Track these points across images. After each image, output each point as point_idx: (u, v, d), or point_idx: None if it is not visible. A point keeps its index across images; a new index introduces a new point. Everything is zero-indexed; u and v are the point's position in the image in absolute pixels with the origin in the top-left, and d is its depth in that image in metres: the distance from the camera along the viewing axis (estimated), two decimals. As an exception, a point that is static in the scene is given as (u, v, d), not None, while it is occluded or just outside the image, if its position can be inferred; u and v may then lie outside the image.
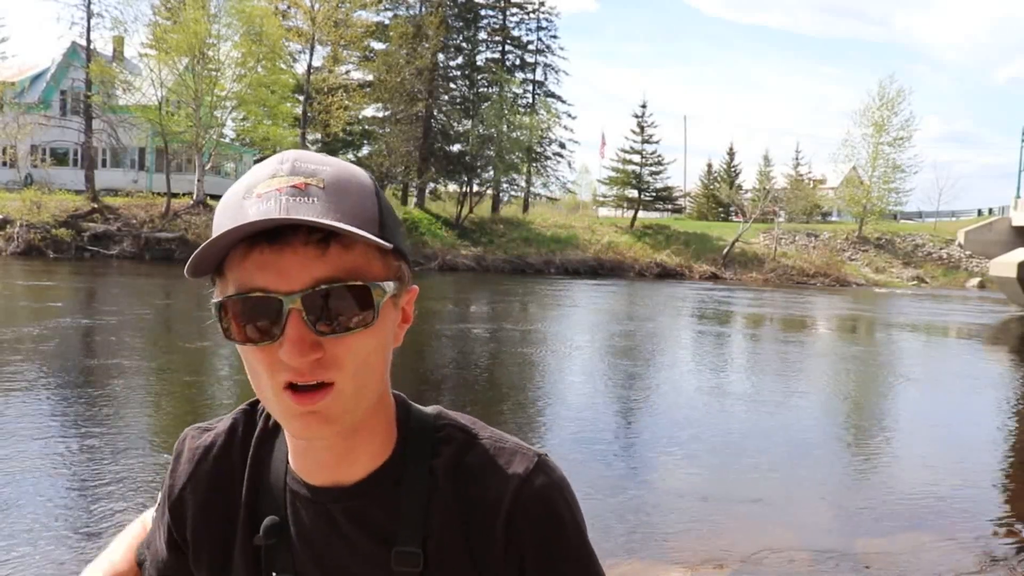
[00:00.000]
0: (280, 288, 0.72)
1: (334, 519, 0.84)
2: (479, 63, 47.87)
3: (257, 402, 0.92)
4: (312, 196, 0.73)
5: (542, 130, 45.57)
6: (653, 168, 46.90)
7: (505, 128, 40.96)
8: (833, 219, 54.35)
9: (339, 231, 0.71)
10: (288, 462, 0.87)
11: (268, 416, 0.90)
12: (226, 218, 0.75)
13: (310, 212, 0.71)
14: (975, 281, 39.75)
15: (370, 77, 42.96)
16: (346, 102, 39.46)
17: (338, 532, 0.84)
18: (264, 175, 0.75)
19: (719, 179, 61.96)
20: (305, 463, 0.85)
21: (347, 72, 44.01)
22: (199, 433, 0.93)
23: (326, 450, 0.82)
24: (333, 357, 0.74)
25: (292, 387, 0.74)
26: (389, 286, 0.77)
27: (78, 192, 33.92)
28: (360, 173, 0.78)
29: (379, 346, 0.78)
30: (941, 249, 44.11)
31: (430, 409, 0.91)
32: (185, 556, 0.92)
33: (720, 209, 58.39)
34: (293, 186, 0.73)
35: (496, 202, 46.26)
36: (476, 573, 0.83)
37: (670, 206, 50.28)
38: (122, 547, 1.02)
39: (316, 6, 38.16)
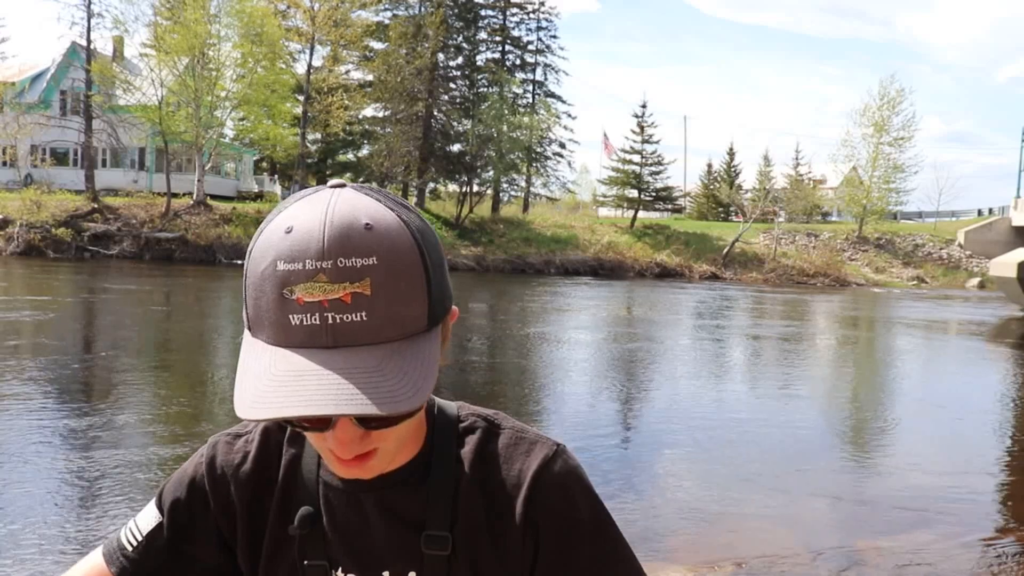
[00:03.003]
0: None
1: (366, 508, 0.89)
2: (479, 63, 47.85)
3: None
4: (359, 310, 0.70)
5: (542, 130, 45.56)
6: (653, 168, 46.87)
7: (505, 128, 40.94)
8: (833, 219, 54.32)
9: (392, 415, 0.70)
10: (320, 456, 0.91)
11: None
12: (268, 313, 0.72)
13: (357, 335, 0.70)
14: (975, 281, 39.73)
15: (370, 77, 42.97)
16: (346, 102, 39.48)
17: (370, 520, 0.89)
18: (303, 272, 0.70)
19: (719, 179, 61.94)
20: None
21: (347, 72, 44.05)
22: (232, 439, 0.96)
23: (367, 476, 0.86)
24: (379, 435, 0.78)
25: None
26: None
27: (78, 192, 33.93)
28: (405, 250, 0.73)
29: (422, 410, 0.84)
30: (941, 249, 44.11)
31: (452, 403, 0.96)
32: (223, 557, 0.95)
33: (720, 209, 58.37)
34: (339, 299, 0.69)
35: (496, 202, 46.22)
36: (496, 555, 0.87)
37: (670, 206, 50.21)
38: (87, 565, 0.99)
39: (316, 6, 38.17)
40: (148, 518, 0.96)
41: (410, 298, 0.72)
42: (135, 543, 0.95)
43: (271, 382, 0.69)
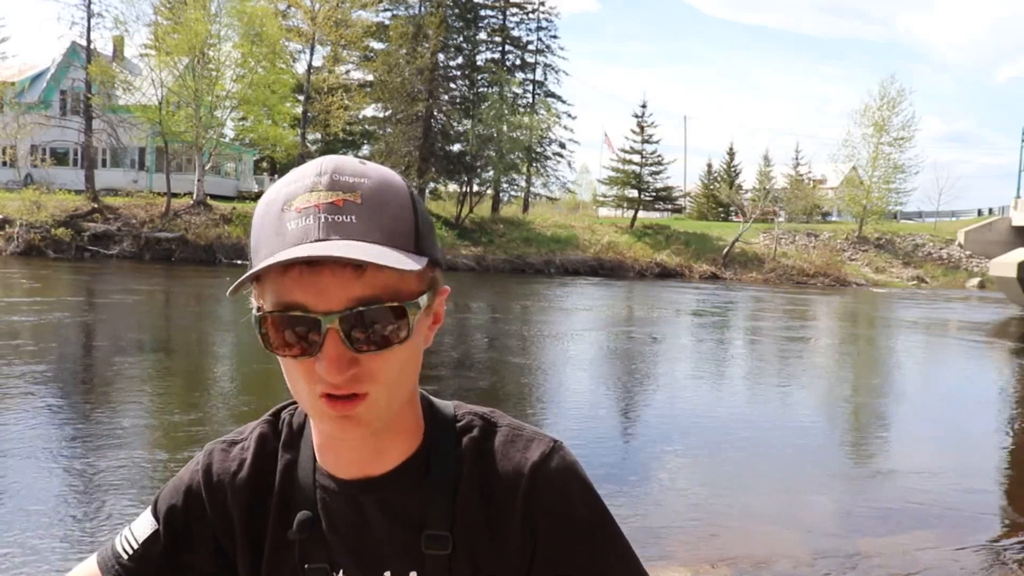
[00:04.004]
0: (319, 307, 0.74)
1: (365, 509, 0.88)
2: (479, 63, 47.85)
3: (279, 412, 0.97)
4: (350, 214, 0.75)
5: (542, 130, 45.54)
6: (653, 168, 46.86)
7: (505, 128, 40.93)
8: (833, 219, 54.31)
9: (374, 264, 0.73)
10: (315, 460, 0.91)
11: (291, 423, 0.96)
12: (266, 232, 0.77)
13: (348, 232, 0.74)
14: (975, 281, 39.73)
15: (370, 77, 42.97)
16: (346, 102, 39.46)
17: (369, 521, 0.89)
18: (303, 187, 0.77)
19: (719, 179, 61.89)
20: (335, 459, 0.89)
21: (347, 72, 44.04)
22: (228, 446, 0.97)
23: (357, 447, 0.86)
24: (369, 371, 0.77)
25: (328, 395, 0.77)
26: (423, 300, 0.80)
27: (78, 192, 33.91)
28: (396, 182, 0.80)
29: (412, 356, 0.82)
30: (941, 249, 44.10)
31: (448, 402, 0.96)
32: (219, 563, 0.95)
33: (720, 209, 58.33)
34: (331, 203, 0.75)
35: (496, 202, 46.21)
36: (495, 554, 0.87)
37: (670, 206, 50.21)
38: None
39: (316, 6, 38.17)
40: (144, 526, 0.95)
41: (398, 216, 0.78)
42: (131, 551, 0.94)
43: (257, 264, 0.75)
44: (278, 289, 0.76)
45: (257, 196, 40.38)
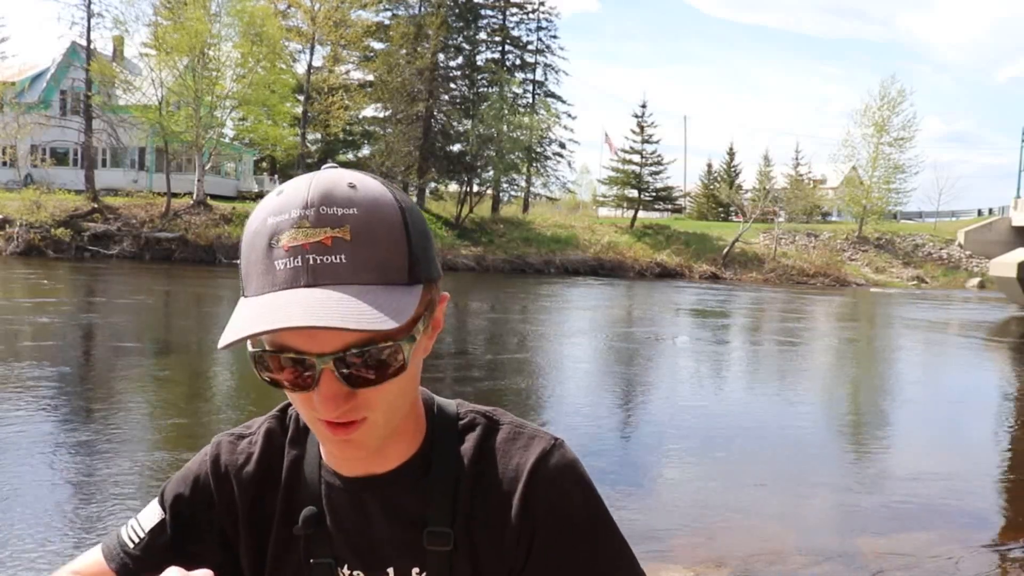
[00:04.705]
0: (312, 350, 0.74)
1: (368, 506, 0.89)
2: (479, 63, 47.84)
3: (286, 408, 0.98)
4: (339, 253, 0.73)
5: (542, 130, 45.54)
6: (653, 168, 46.89)
7: (505, 128, 40.93)
8: (833, 219, 54.33)
9: (363, 332, 0.71)
10: (321, 456, 0.92)
11: (298, 420, 0.96)
12: (255, 266, 0.76)
13: (337, 274, 0.73)
14: (975, 281, 39.74)
15: (370, 77, 42.97)
16: (346, 102, 39.44)
17: (372, 518, 0.89)
18: (289, 221, 0.74)
19: (719, 179, 61.85)
20: (339, 459, 0.90)
21: (347, 72, 44.01)
22: (236, 439, 0.97)
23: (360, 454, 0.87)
24: (366, 400, 0.78)
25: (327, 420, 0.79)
26: (420, 327, 0.79)
27: (78, 192, 33.90)
28: (387, 207, 0.77)
29: (410, 378, 0.82)
30: (941, 249, 44.12)
31: (451, 400, 0.96)
32: (223, 556, 0.95)
33: (720, 209, 58.31)
34: (320, 242, 0.73)
35: (496, 202, 46.22)
36: (495, 550, 0.88)
37: (670, 206, 50.24)
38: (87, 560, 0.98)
39: (316, 6, 38.16)
40: (150, 515, 0.95)
41: (389, 248, 0.75)
42: (137, 540, 0.94)
43: (248, 314, 0.73)
44: (272, 333, 0.75)
45: (257, 196, 40.55)
